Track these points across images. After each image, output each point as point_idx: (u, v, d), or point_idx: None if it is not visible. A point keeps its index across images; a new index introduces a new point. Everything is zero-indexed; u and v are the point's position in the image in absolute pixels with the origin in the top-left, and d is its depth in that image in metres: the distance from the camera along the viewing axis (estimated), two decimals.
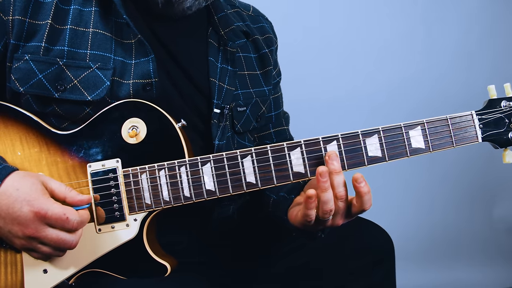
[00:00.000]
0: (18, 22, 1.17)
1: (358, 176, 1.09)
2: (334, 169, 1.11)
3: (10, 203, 1.03)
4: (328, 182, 1.10)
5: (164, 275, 1.16)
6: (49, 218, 1.03)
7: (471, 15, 3.04)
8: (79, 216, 1.06)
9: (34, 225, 1.03)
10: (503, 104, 1.18)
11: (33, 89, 1.18)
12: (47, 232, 1.04)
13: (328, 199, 1.09)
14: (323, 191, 1.09)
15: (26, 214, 1.03)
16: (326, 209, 1.10)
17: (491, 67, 3.03)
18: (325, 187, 1.09)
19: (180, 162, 1.15)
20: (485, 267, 2.93)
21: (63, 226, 1.04)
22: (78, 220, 1.05)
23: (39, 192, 1.05)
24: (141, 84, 1.23)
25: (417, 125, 1.16)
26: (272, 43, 1.54)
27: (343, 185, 1.11)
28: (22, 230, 1.04)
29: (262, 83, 1.49)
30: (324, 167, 1.10)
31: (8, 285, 1.15)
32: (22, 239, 1.05)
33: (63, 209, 1.04)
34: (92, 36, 1.21)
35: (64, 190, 1.09)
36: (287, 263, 1.40)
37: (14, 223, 1.04)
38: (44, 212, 1.03)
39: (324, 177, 1.09)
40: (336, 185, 1.10)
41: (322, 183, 1.09)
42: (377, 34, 2.93)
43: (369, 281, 1.35)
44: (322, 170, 1.10)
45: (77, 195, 1.09)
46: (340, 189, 1.10)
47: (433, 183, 3.09)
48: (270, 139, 1.57)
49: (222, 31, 1.38)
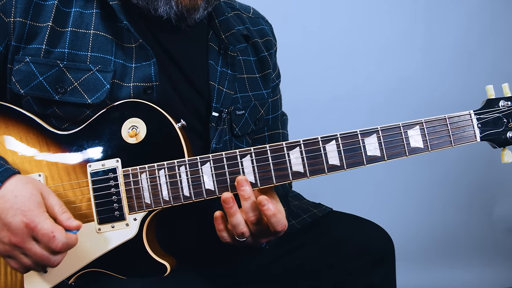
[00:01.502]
0: (19, 24, 1.17)
1: (262, 199, 1.09)
2: (243, 195, 1.12)
3: (5, 209, 1.03)
4: (234, 207, 1.11)
5: (164, 275, 1.16)
6: (37, 232, 1.02)
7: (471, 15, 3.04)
8: (65, 238, 1.03)
9: (22, 235, 1.02)
10: (501, 104, 1.19)
11: (34, 91, 1.18)
12: (31, 245, 1.03)
13: (237, 222, 1.11)
14: (231, 216, 1.11)
15: (17, 223, 1.02)
16: (238, 232, 1.12)
17: (490, 67, 3.03)
18: (231, 213, 1.11)
19: (179, 162, 1.16)
20: (485, 267, 2.93)
21: (47, 243, 1.02)
22: (64, 242, 1.02)
23: (36, 204, 1.04)
24: (142, 87, 1.23)
25: (415, 124, 1.16)
26: (272, 46, 1.54)
27: (253, 210, 1.12)
28: (9, 237, 1.03)
29: (261, 87, 1.49)
30: (228, 194, 1.12)
31: (8, 285, 1.15)
32: (7, 245, 1.04)
33: (53, 227, 1.02)
34: (93, 38, 1.21)
35: (58, 209, 1.07)
36: (286, 263, 1.40)
37: (4, 228, 1.03)
38: (34, 225, 1.02)
39: (228, 203, 1.11)
40: (246, 210, 1.12)
41: (228, 209, 1.11)
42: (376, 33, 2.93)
43: (369, 281, 1.35)
44: (226, 197, 1.11)
45: (67, 219, 1.06)
46: (250, 214, 1.12)
47: (433, 183, 3.09)
48: (263, 142, 1.56)
49: (223, 35, 1.38)
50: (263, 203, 1.09)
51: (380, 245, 1.39)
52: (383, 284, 1.38)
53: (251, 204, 1.12)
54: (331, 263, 1.37)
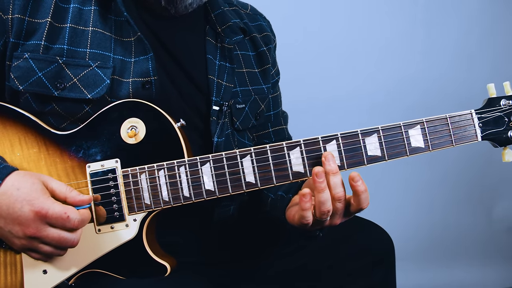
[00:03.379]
0: (18, 21, 1.17)
1: (355, 175, 1.09)
2: (331, 169, 1.10)
3: (11, 203, 1.03)
4: (325, 182, 1.09)
5: (164, 275, 1.16)
6: (50, 217, 1.03)
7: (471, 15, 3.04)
8: (80, 215, 1.05)
9: (35, 224, 1.03)
10: (503, 102, 1.18)
11: (33, 87, 1.18)
12: (48, 231, 1.04)
13: (325, 199, 1.08)
14: (320, 192, 1.08)
15: (27, 214, 1.03)
16: (324, 210, 1.09)
17: (491, 67, 3.03)
18: (322, 188, 1.08)
19: (179, 162, 1.15)
20: (485, 267, 2.93)
21: (63, 225, 1.04)
22: (79, 219, 1.05)
23: (39, 192, 1.05)
24: (140, 82, 1.23)
25: (416, 124, 1.16)
26: (270, 41, 1.55)
27: (341, 186, 1.10)
28: (23, 230, 1.04)
29: (260, 81, 1.49)
30: (320, 167, 1.10)
31: (8, 285, 1.15)
32: (23, 239, 1.05)
33: (64, 208, 1.04)
34: (92, 35, 1.21)
35: (64, 190, 1.08)
36: (286, 264, 1.40)
37: (15, 223, 1.04)
38: (45, 212, 1.03)
39: (320, 177, 1.08)
40: (333, 186, 1.09)
41: (319, 184, 1.08)
42: (377, 33, 2.93)
43: (369, 281, 1.35)
44: (318, 171, 1.09)
45: (78, 195, 1.08)
46: (337, 189, 1.09)
47: (433, 183, 3.09)
48: (268, 138, 1.57)
49: (219, 28, 1.38)
50: (356, 178, 1.08)
51: (380, 245, 1.39)
52: (383, 284, 1.38)
53: (340, 179, 1.10)
54: (331, 263, 1.37)
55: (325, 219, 1.10)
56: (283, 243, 1.44)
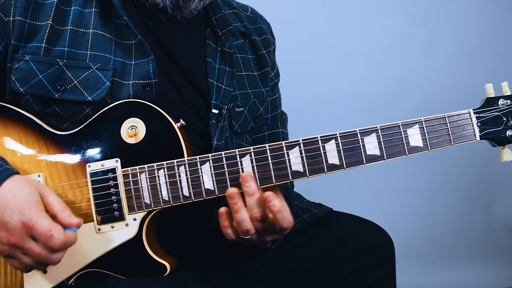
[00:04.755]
0: (19, 23, 1.17)
1: (268, 195, 1.09)
2: (247, 191, 1.11)
3: (3, 208, 1.03)
4: (240, 203, 1.10)
5: (164, 275, 1.16)
6: (34, 231, 1.01)
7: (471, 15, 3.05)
8: (64, 236, 1.02)
9: (20, 234, 1.02)
10: (501, 102, 1.19)
11: (33, 90, 1.18)
12: (30, 244, 1.03)
13: (242, 219, 1.10)
14: (235, 212, 1.10)
15: (15, 222, 1.02)
16: (243, 229, 1.11)
17: (490, 67, 3.04)
18: (236, 209, 1.10)
19: (179, 162, 1.16)
20: (485, 267, 2.93)
21: (46, 242, 1.02)
22: (62, 240, 1.02)
23: (33, 203, 1.04)
24: (141, 84, 1.23)
25: (415, 123, 1.16)
26: (270, 44, 1.55)
27: (258, 206, 1.11)
28: (7, 237, 1.03)
29: (259, 84, 1.49)
30: (233, 189, 1.11)
31: (8, 285, 1.15)
32: (6, 245, 1.04)
33: (51, 226, 1.02)
34: (92, 37, 1.22)
35: (57, 207, 1.06)
36: (286, 264, 1.40)
37: (2, 228, 1.03)
38: (31, 224, 1.01)
39: (233, 198, 1.10)
40: (250, 207, 1.11)
41: (232, 205, 1.10)
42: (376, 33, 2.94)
43: (369, 282, 1.35)
44: (231, 192, 1.10)
45: (68, 216, 1.05)
46: (254, 210, 1.11)
47: (433, 183, 3.09)
48: (263, 141, 1.56)
49: (220, 32, 1.39)
50: (269, 199, 1.08)
51: (380, 245, 1.39)
52: (383, 284, 1.38)
53: (256, 201, 1.11)
54: (331, 263, 1.36)
55: (249, 236, 1.12)
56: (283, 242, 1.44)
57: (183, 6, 1.27)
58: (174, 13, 1.29)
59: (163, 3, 1.25)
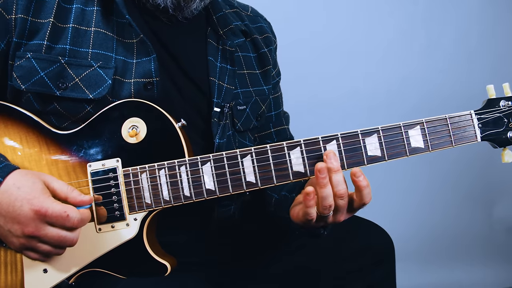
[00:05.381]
0: (21, 21, 1.17)
1: (356, 170, 1.11)
2: (333, 167, 1.11)
3: (11, 202, 1.04)
4: (327, 178, 1.10)
5: (164, 275, 1.16)
6: (49, 216, 1.03)
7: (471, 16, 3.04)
8: (79, 214, 1.06)
9: (34, 223, 1.04)
10: (502, 103, 1.19)
11: (35, 87, 1.18)
12: (47, 230, 1.05)
13: (327, 195, 1.10)
14: (322, 187, 1.10)
15: (26, 213, 1.03)
16: (326, 205, 1.10)
17: (490, 67, 3.03)
18: (323, 183, 1.10)
19: (180, 162, 1.16)
20: (485, 267, 2.93)
21: (63, 224, 1.04)
22: (79, 218, 1.05)
23: (40, 191, 1.05)
24: (142, 83, 1.23)
25: (416, 124, 1.16)
26: (271, 43, 1.55)
27: (343, 183, 1.11)
28: (22, 228, 1.04)
29: (261, 82, 1.49)
30: (322, 164, 1.11)
31: (8, 285, 1.15)
32: (22, 238, 1.06)
33: (64, 207, 1.04)
34: (94, 35, 1.22)
35: (66, 190, 1.09)
36: (286, 264, 1.41)
37: (14, 221, 1.04)
38: (44, 211, 1.03)
39: (322, 173, 1.10)
40: (335, 183, 1.11)
41: (321, 179, 1.10)
42: (377, 34, 2.94)
43: (369, 282, 1.35)
44: (321, 167, 1.10)
45: (79, 195, 1.09)
46: (339, 187, 1.11)
47: (433, 184, 3.09)
48: (270, 138, 1.57)
49: (221, 31, 1.39)
50: (358, 174, 1.10)
51: (380, 245, 1.39)
52: (383, 284, 1.38)
53: (342, 177, 1.11)
54: (331, 263, 1.37)
55: (327, 214, 1.12)
56: (283, 243, 1.44)
57: (184, 6, 1.28)
58: (175, 13, 1.29)
59: (164, 4, 1.26)
